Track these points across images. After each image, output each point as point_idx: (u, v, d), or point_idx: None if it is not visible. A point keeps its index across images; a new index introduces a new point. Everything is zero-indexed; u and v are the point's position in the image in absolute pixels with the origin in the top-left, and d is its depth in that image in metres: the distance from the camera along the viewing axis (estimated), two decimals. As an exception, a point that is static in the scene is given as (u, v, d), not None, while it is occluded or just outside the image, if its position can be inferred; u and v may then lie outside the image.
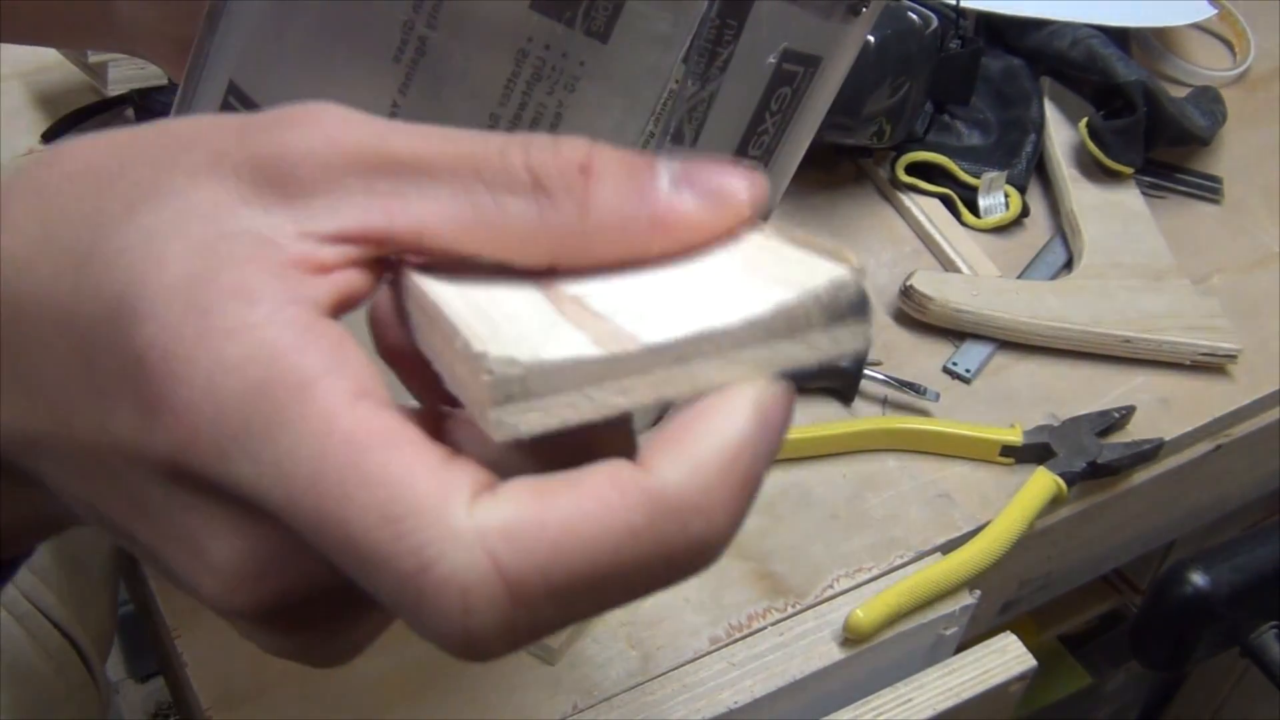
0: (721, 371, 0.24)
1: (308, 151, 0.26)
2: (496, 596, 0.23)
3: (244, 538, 0.25)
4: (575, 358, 0.23)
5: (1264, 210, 0.86)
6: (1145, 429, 0.71)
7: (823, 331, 0.25)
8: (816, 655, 0.60)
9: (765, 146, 0.40)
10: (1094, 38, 0.86)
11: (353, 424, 0.24)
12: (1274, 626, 0.70)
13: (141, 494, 0.26)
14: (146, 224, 0.25)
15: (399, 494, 0.23)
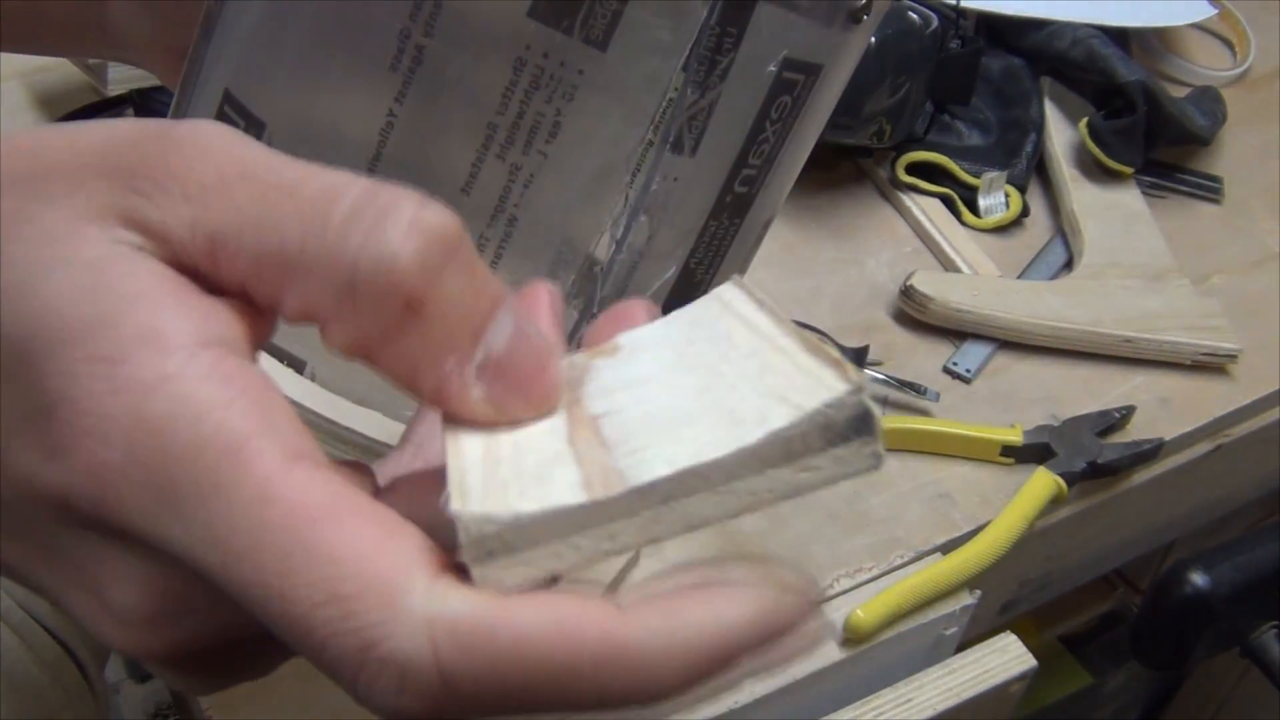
0: (715, 507, 0.24)
1: (163, 160, 0.25)
2: (430, 686, 0.23)
3: (148, 584, 0.25)
4: (556, 508, 0.23)
5: (1264, 210, 0.86)
6: (1145, 429, 0.71)
7: (823, 454, 0.24)
8: (816, 655, 0.60)
9: (766, 155, 0.40)
10: (1094, 38, 0.86)
11: (292, 492, 0.23)
12: (1274, 626, 0.70)
13: (45, 537, 0.25)
14: (12, 254, 0.24)
15: (346, 572, 0.23)
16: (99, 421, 0.23)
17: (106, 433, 0.23)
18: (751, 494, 0.24)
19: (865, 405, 0.24)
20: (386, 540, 0.23)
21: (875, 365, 0.71)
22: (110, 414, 0.23)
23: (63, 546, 0.25)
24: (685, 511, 0.24)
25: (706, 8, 0.34)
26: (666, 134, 0.36)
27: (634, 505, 0.23)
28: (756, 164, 0.40)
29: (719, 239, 0.41)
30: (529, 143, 0.35)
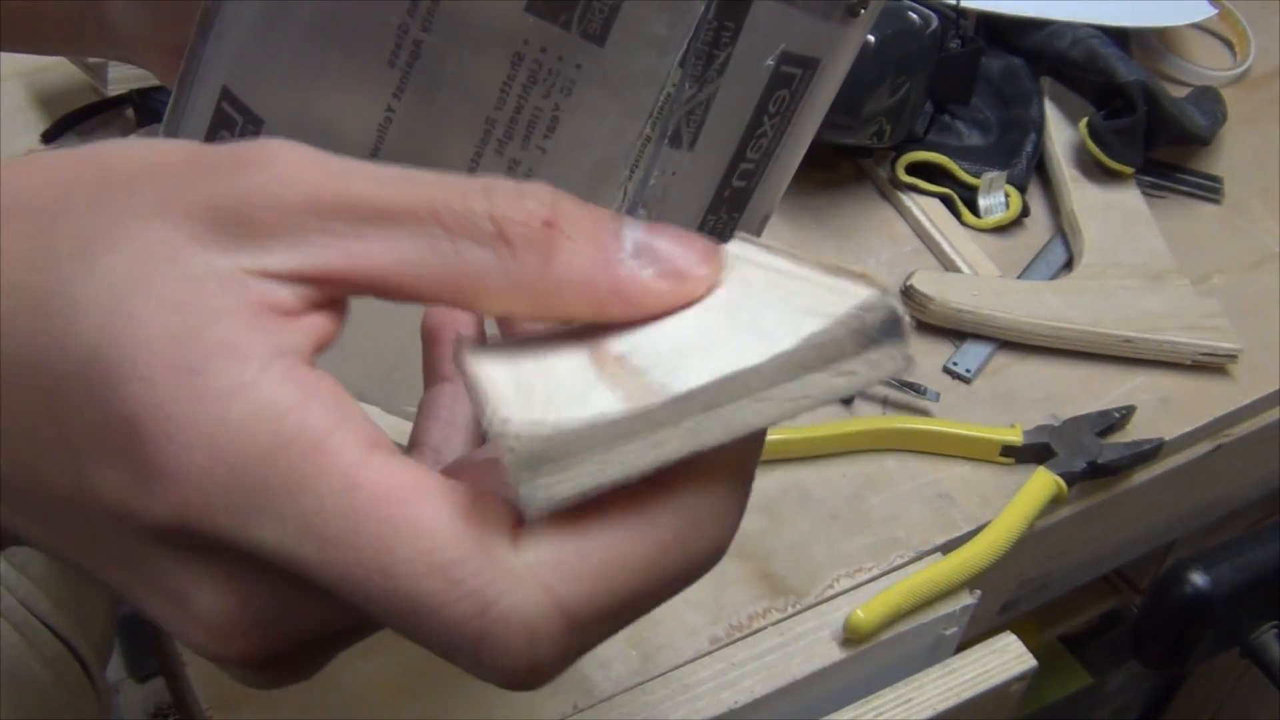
0: (756, 414, 0.24)
1: (264, 195, 0.25)
2: (559, 628, 0.24)
3: (234, 593, 0.25)
4: (600, 417, 0.23)
5: (1264, 210, 0.86)
6: (1145, 429, 0.71)
7: (857, 358, 0.24)
8: (816, 655, 0.60)
9: (764, 149, 0.40)
10: (1094, 38, 0.86)
11: (376, 478, 0.24)
12: (1274, 626, 0.70)
13: (125, 550, 0.26)
14: (105, 272, 0.25)
15: (443, 542, 0.24)
16: (183, 429, 0.24)
17: (191, 440, 0.24)
18: (790, 400, 0.24)
19: (894, 307, 0.24)
20: (472, 509, 0.24)
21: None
22: (194, 420, 0.24)
23: (144, 559, 0.26)
24: (727, 418, 0.24)
25: (704, 2, 0.34)
26: (665, 128, 0.36)
27: (677, 413, 0.24)
28: (755, 158, 0.40)
29: (718, 233, 0.41)
30: (527, 137, 0.35)
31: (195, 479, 0.24)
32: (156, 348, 0.24)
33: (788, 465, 0.67)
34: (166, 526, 0.24)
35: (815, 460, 0.68)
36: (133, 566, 0.26)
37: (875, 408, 0.70)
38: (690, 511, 0.25)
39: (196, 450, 0.24)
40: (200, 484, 0.24)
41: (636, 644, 0.59)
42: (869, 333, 0.24)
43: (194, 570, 0.25)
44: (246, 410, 0.24)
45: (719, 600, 0.61)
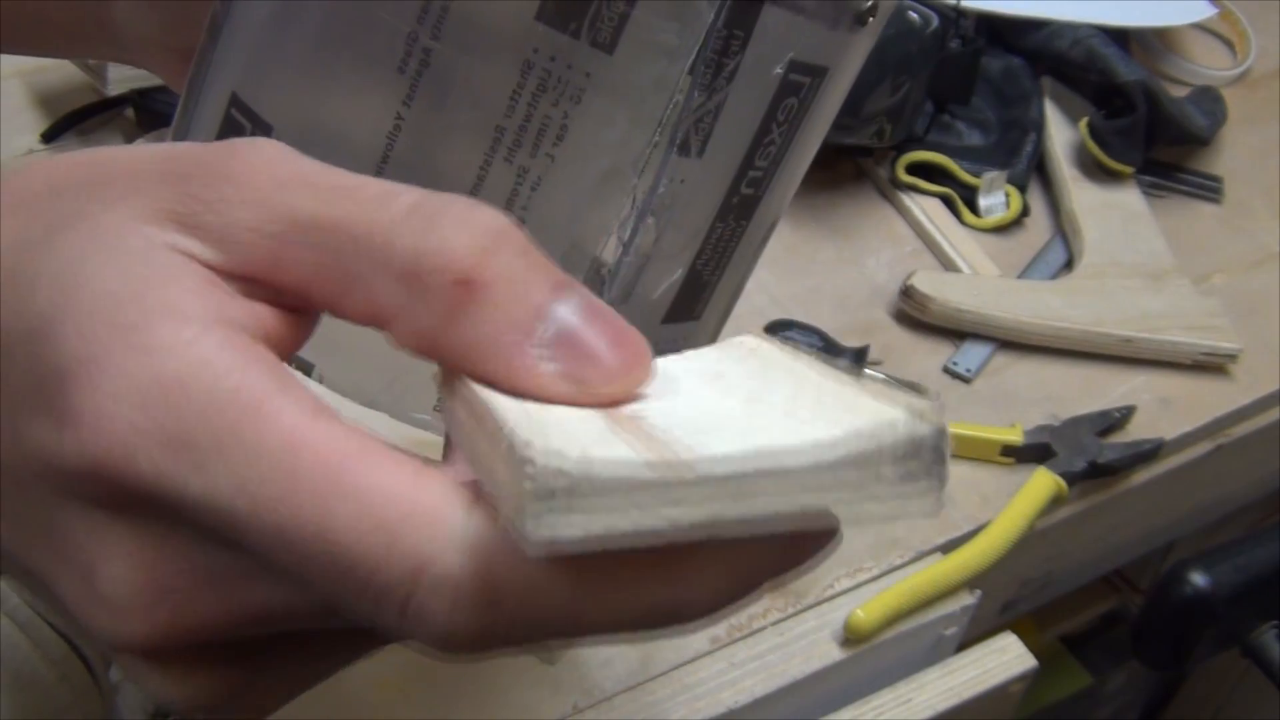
0: (777, 509, 0.22)
1: (223, 208, 0.25)
2: (482, 602, 0.23)
3: (142, 564, 0.25)
4: (627, 463, 0.21)
5: (1264, 210, 0.86)
6: (1145, 429, 0.71)
7: (890, 484, 0.22)
8: (816, 655, 0.60)
9: (772, 157, 0.40)
10: (1094, 37, 0.86)
11: (320, 439, 0.23)
12: (1274, 626, 0.70)
13: (41, 511, 0.25)
14: (63, 247, 0.25)
15: (390, 500, 0.23)
16: (114, 380, 0.24)
17: (121, 391, 0.23)
18: (812, 509, 0.22)
19: (944, 435, 0.22)
20: (421, 475, 0.24)
21: (875, 365, 0.71)
22: (127, 372, 0.24)
23: (58, 523, 0.25)
24: (749, 506, 0.22)
25: (713, 10, 0.34)
26: (673, 136, 0.36)
27: (700, 486, 0.21)
28: (763, 166, 0.39)
29: (726, 241, 0.41)
30: (536, 145, 0.35)
31: (118, 427, 0.23)
32: (97, 305, 0.24)
33: (788, 465, 0.67)
34: (83, 474, 0.24)
35: (815, 460, 0.68)
36: (47, 535, 0.25)
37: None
38: (670, 577, 0.23)
39: (123, 401, 0.23)
40: (123, 433, 0.23)
41: (636, 644, 0.59)
42: (916, 452, 0.22)
43: (103, 534, 0.25)
44: (182, 367, 0.24)
45: (719, 600, 0.61)
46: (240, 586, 0.25)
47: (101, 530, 0.25)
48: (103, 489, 0.24)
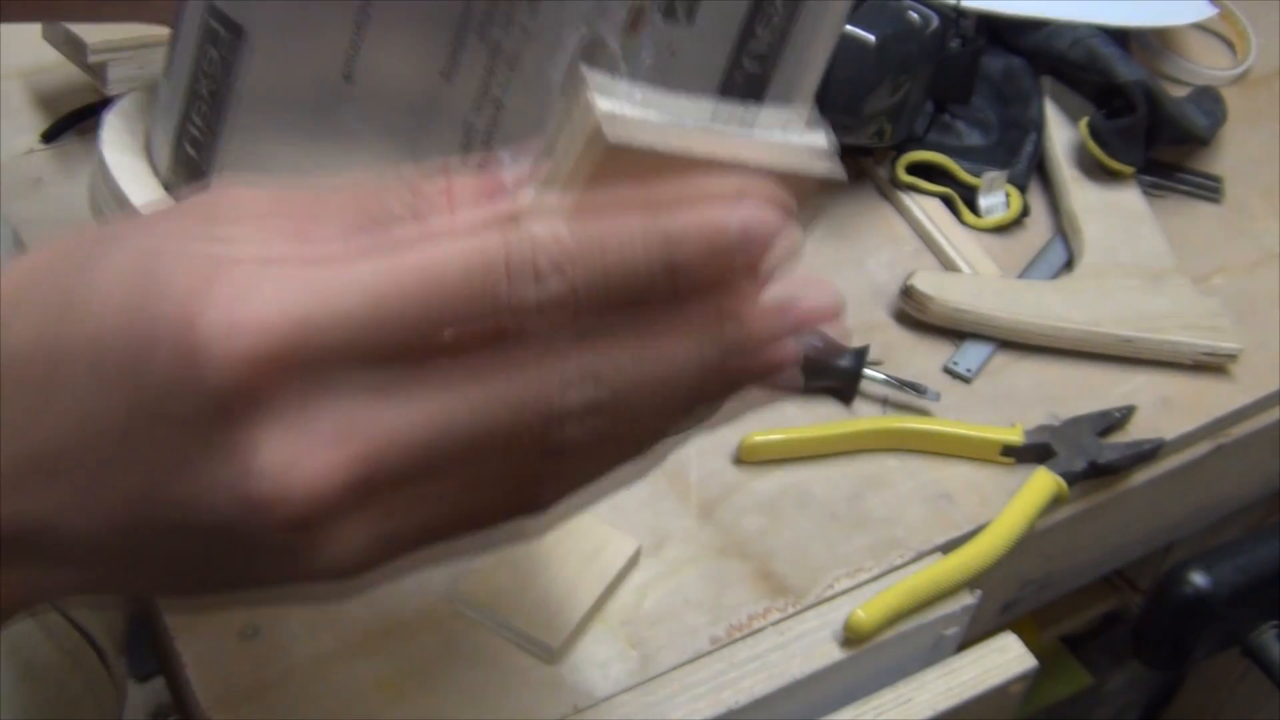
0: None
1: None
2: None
3: (297, 422, 0.26)
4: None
5: (1264, 210, 0.86)
6: (1145, 429, 0.71)
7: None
8: (816, 655, 0.60)
9: (776, 28, 0.37)
10: (1094, 37, 0.86)
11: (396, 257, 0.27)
12: (1274, 626, 0.70)
13: (187, 445, 0.26)
14: (126, 251, 0.27)
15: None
16: (222, 292, 0.26)
17: (225, 301, 0.26)
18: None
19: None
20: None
21: (875, 365, 0.71)
22: (218, 288, 0.26)
23: (207, 441, 0.26)
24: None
25: None
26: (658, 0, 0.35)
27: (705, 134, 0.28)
28: (765, 37, 0.37)
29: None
30: (509, 18, 0.34)
31: (252, 327, 0.25)
32: (184, 267, 0.26)
33: (788, 465, 0.67)
34: (234, 382, 0.25)
35: (815, 460, 0.68)
36: (195, 463, 0.26)
37: (875, 408, 0.70)
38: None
39: (234, 305, 0.26)
40: (258, 332, 0.25)
41: (636, 644, 0.59)
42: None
43: (256, 422, 0.26)
44: (271, 285, 0.26)
45: (719, 600, 0.61)
46: (398, 399, 0.27)
47: (249, 424, 0.26)
48: (248, 391, 0.26)
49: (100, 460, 0.27)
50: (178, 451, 0.26)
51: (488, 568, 0.60)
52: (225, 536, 0.27)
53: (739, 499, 0.66)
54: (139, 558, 0.28)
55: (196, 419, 0.26)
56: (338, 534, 0.27)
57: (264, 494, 0.26)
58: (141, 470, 0.26)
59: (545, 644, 0.58)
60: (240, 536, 0.27)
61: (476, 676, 0.58)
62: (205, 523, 0.27)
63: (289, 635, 0.58)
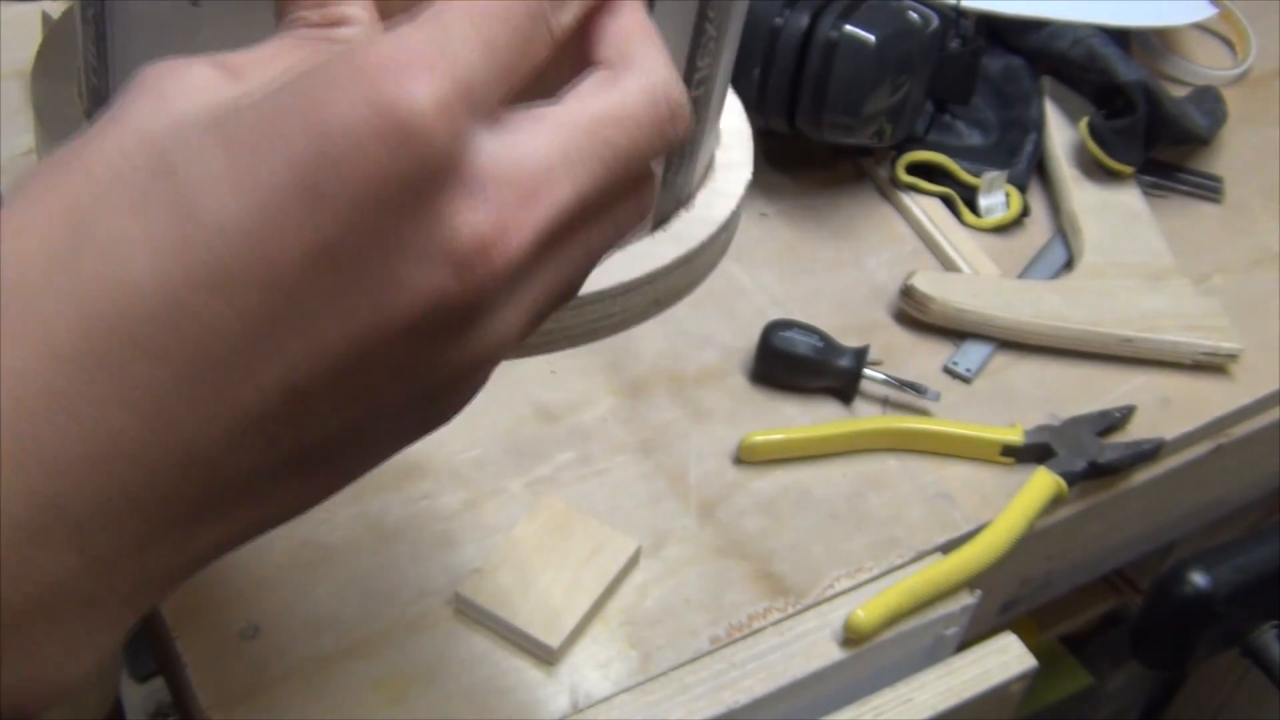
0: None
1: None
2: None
3: (481, 172, 0.26)
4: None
5: (1264, 210, 0.86)
6: (1145, 429, 0.71)
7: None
8: (816, 655, 0.60)
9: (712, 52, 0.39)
10: (1094, 37, 0.86)
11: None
12: (1274, 626, 0.70)
13: (394, 239, 0.25)
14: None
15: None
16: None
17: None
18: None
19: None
20: None
21: (875, 365, 0.71)
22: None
23: (401, 230, 0.25)
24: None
25: None
26: None
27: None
28: (706, 65, 0.38)
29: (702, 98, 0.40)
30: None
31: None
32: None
33: (788, 465, 0.67)
34: (445, 137, 0.25)
35: (815, 460, 0.68)
36: (407, 244, 0.25)
37: (875, 408, 0.70)
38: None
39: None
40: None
41: (636, 644, 0.59)
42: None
43: (454, 187, 0.25)
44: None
45: (719, 600, 0.61)
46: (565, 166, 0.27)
47: (460, 185, 0.25)
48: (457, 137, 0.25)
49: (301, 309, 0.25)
50: (384, 244, 0.25)
51: (488, 568, 0.60)
52: (430, 317, 0.26)
53: (739, 499, 0.66)
54: (344, 412, 0.26)
55: (403, 204, 0.25)
56: (524, 294, 0.27)
57: (470, 250, 0.25)
58: (352, 283, 0.25)
59: (545, 644, 0.58)
60: (448, 311, 0.26)
61: (476, 676, 0.58)
62: (419, 306, 0.25)
63: (289, 635, 0.58)
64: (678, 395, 0.70)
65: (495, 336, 0.27)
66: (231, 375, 0.24)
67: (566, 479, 0.65)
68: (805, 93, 0.75)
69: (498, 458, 0.66)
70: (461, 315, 0.26)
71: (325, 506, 0.29)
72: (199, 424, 0.24)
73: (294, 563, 0.60)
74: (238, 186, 0.24)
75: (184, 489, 0.25)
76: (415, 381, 0.27)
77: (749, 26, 0.76)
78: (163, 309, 0.24)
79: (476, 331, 0.27)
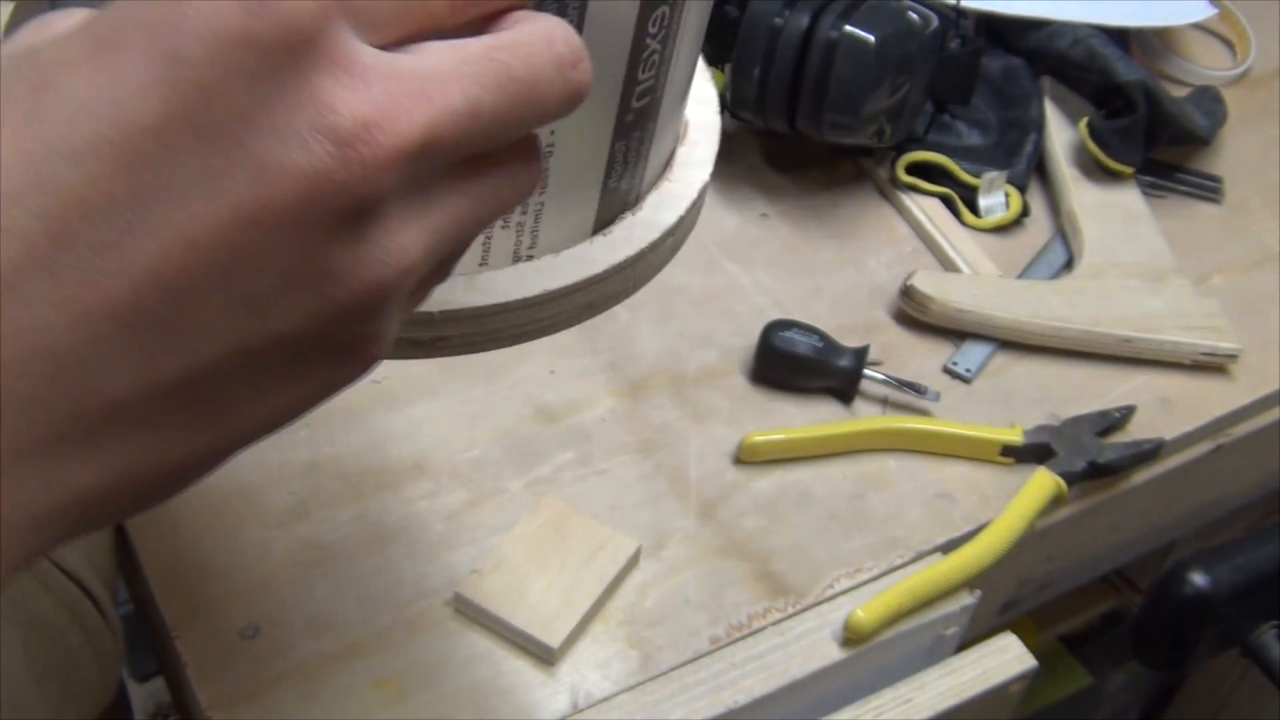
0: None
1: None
2: None
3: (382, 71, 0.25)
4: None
5: (1264, 210, 0.86)
6: (1145, 429, 0.71)
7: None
8: (816, 655, 0.60)
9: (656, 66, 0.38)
10: (1094, 37, 0.86)
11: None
12: (1274, 626, 0.70)
13: (259, 107, 0.24)
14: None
15: None
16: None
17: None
18: None
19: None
20: None
21: (875, 365, 0.71)
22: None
23: (277, 96, 0.24)
24: None
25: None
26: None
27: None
28: (649, 78, 0.38)
29: (634, 150, 0.40)
30: None
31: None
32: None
33: (788, 465, 0.67)
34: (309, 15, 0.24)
35: (815, 460, 0.68)
36: (275, 112, 0.24)
37: (875, 408, 0.70)
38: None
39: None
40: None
41: (636, 644, 0.59)
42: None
43: (324, 66, 0.24)
44: None
45: (719, 600, 0.61)
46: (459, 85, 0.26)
47: (336, 68, 0.24)
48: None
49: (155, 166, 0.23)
50: (249, 109, 0.23)
51: (488, 568, 0.60)
52: (310, 200, 0.24)
53: (739, 499, 0.66)
54: (212, 319, 0.24)
55: (266, 67, 0.23)
56: (421, 206, 0.26)
57: (348, 128, 0.24)
58: (212, 141, 0.23)
59: (545, 644, 0.58)
60: (332, 196, 0.24)
61: (476, 676, 0.58)
62: (299, 185, 0.24)
63: (289, 635, 0.58)
64: (678, 395, 0.70)
65: (394, 249, 0.26)
66: (95, 259, 0.23)
67: (566, 479, 0.65)
68: (805, 93, 0.75)
69: (498, 458, 0.66)
70: (348, 205, 0.24)
71: (325, 506, 0.29)
72: (65, 321, 0.23)
73: (294, 563, 0.60)
74: (93, 56, 0.23)
75: (53, 399, 0.23)
76: (306, 292, 0.25)
77: (749, 26, 0.76)
78: (21, 184, 0.23)
79: (368, 234, 0.25)
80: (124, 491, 0.25)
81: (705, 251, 0.78)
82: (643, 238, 0.42)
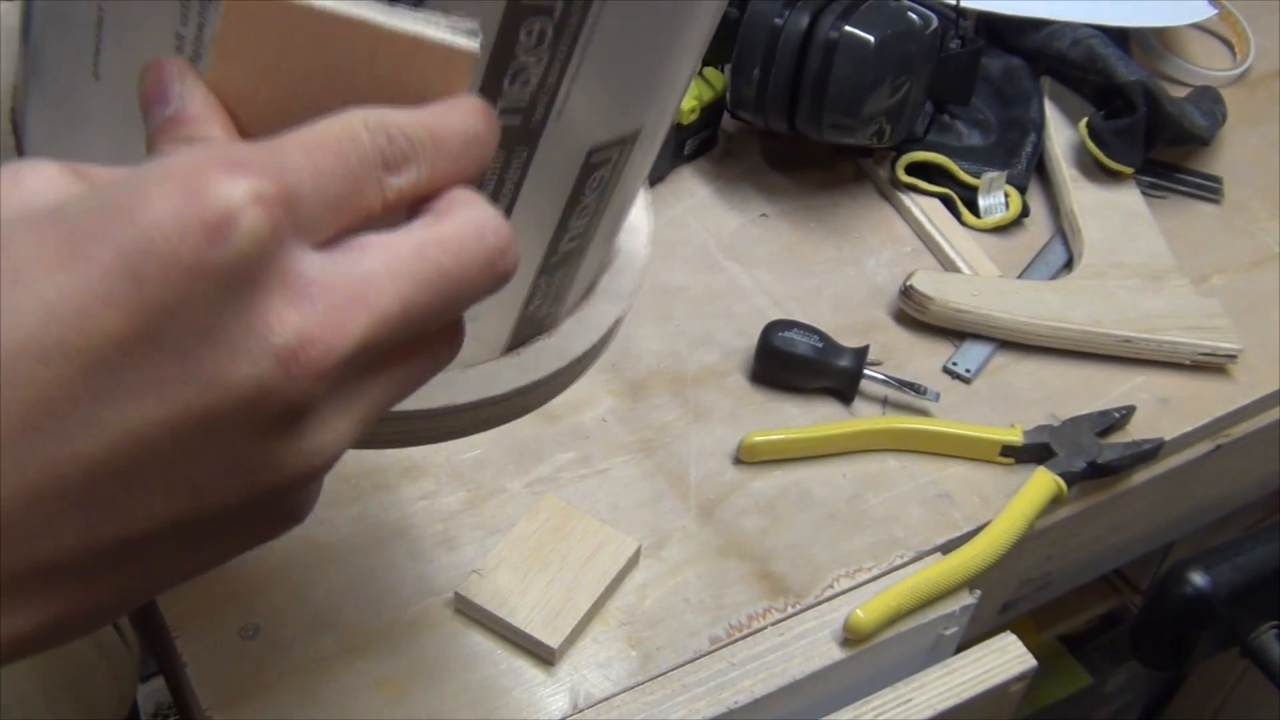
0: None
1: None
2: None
3: (321, 286, 0.27)
4: None
5: (1264, 210, 0.86)
6: (1145, 429, 0.71)
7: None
8: (816, 655, 0.60)
9: (590, 215, 0.39)
10: (1094, 38, 0.86)
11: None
12: (1274, 626, 0.70)
13: (209, 326, 0.26)
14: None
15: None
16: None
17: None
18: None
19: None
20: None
21: (875, 365, 0.71)
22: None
23: (218, 316, 0.26)
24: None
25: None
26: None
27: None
28: (580, 225, 0.38)
29: (559, 281, 0.41)
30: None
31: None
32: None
33: (788, 465, 0.67)
34: (257, 238, 0.26)
35: (815, 460, 0.68)
36: (221, 331, 0.26)
37: (875, 408, 0.70)
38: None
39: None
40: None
41: (636, 644, 0.59)
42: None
43: (271, 287, 0.26)
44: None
45: (719, 600, 0.61)
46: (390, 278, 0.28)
47: (252, 305, 0.26)
48: (274, 240, 0.27)
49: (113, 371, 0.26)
50: (203, 327, 0.26)
51: (488, 568, 0.60)
52: (252, 408, 0.27)
53: (739, 499, 0.66)
54: (150, 499, 0.27)
55: (221, 291, 0.26)
56: (350, 402, 0.29)
57: (291, 345, 0.26)
58: (162, 356, 0.26)
59: (545, 644, 0.58)
60: (272, 405, 0.27)
61: (476, 676, 0.58)
62: (243, 395, 0.26)
63: (289, 635, 0.58)
64: (678, 395, 0.70)
65: (323, 442, 0.28)
66: (51, 443, 0.25)
67: (566, 479, 0.65)
68: (805, 93, 0.75)
69: (498, 458, 0.66)
70: (286, 411, 0.27)
71: (325, 506, 0.29)
72: (20, 499, 0.25)
73: (294, 563, 0.60)
74: (66, 265, 0.25)
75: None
76: (242, 480, 0.28)
77: (749, 26, 0.76)
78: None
79: (303, 432, 0.28)
80: (53, 632, 0.28)
81: (705, 251, 0.78)
82: (551, 364, 0.42)
